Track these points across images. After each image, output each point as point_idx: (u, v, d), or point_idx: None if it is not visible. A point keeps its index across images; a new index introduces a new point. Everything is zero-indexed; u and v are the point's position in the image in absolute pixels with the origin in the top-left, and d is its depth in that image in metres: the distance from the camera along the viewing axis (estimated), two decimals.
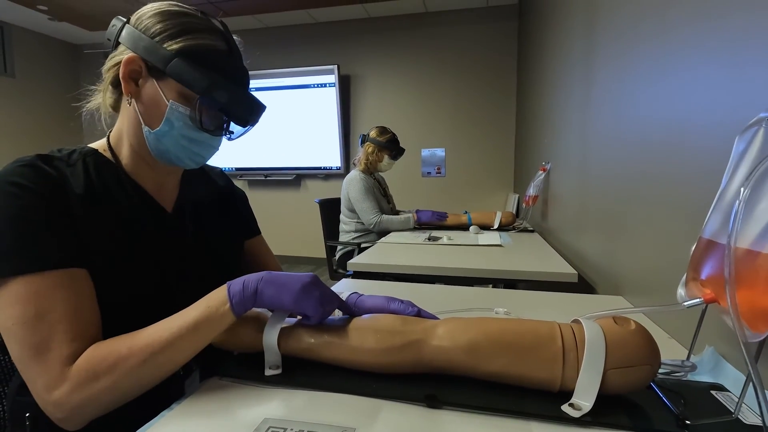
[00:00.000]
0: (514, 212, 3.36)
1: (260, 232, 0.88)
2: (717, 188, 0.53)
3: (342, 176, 4.31)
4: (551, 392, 0.50)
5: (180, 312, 0.53)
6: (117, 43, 0.61)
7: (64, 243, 0.52)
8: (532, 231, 2.11)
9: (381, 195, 2.31)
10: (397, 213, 2.33)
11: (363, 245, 2.17)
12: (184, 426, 0.46)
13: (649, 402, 0.50)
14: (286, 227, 4.53)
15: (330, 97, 4.16)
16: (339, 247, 2.30)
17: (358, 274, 1.42)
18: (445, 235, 1.90)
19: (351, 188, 2.18)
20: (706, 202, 0.55)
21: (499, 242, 1.74)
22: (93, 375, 0.48)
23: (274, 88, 4.31)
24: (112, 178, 0.61)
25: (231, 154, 4.47)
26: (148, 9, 0.61)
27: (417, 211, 2.19)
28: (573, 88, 1.64)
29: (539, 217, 2.22)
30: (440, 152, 4.18)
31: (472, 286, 1.45)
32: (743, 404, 0.46)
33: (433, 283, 1.37)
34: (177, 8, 0.61)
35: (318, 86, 4.19)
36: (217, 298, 0.53)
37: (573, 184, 1.59)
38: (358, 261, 1.41)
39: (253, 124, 0.67)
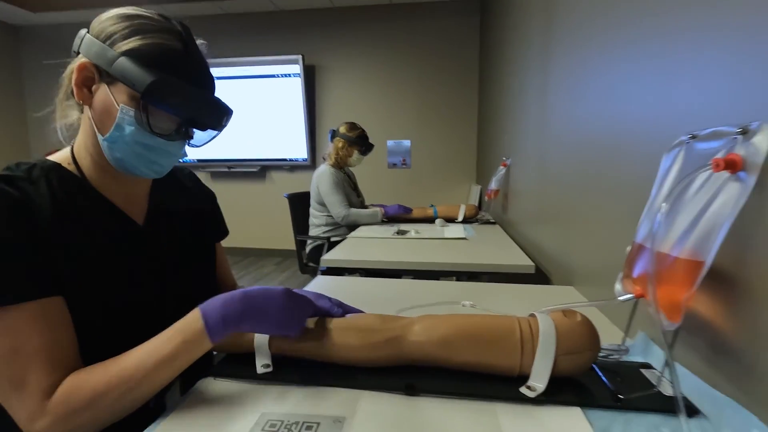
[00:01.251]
0: (477, 203, 3.51)
1: (228, 233, 0.87)
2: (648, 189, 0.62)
3: (308, 168, 4.30)
4: (512, 377, 0.58)
5: (155, 340, 0.52)
6: (78, 53, 0.58)
7: (35, 272, 0.51)
8: (493, 223, 2.23)
9: (351, 189, 2.36)
10: (366, 207, 2.39)
11: (333, 239, 2.21)
12: (188, 425, 0.51)
13: (591, 381, 0.59)
14: (252, 220, 4.49)
15: (295, 88, 4.12)
16: (309, 241, 2.33)
17: (331, 270, 1.47)
18: (412, 229, 1.98)
19: (321, 182, 2.21)
20: (645, 203, 0.64)
21: (463, 235, 1.84)
22: (72, 411, 0.48)
23: (237, 77, 4.21)
24: (79, 194, 0.59)
25: None
26: (105, 14, 0.59)
27: (384, 206, 2.26)
28: (530, 88, 1.75)
29: (500, 209, 2.34)
30: (406, 144, 4.25)
31: (439, 278, 1.54)
32: (663, 379, 0.56)
33: (402, 275, 1.45)
34: (132, 11, 0.59)
35: (282, 76, 4.13)
36: (193, 330, 0.52)
37: (531, 180, 1.71)
38: (330, 257, 1.46)
39: (218, 129, 0.65)
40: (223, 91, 4.47)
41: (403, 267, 1.46)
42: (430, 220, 2.24)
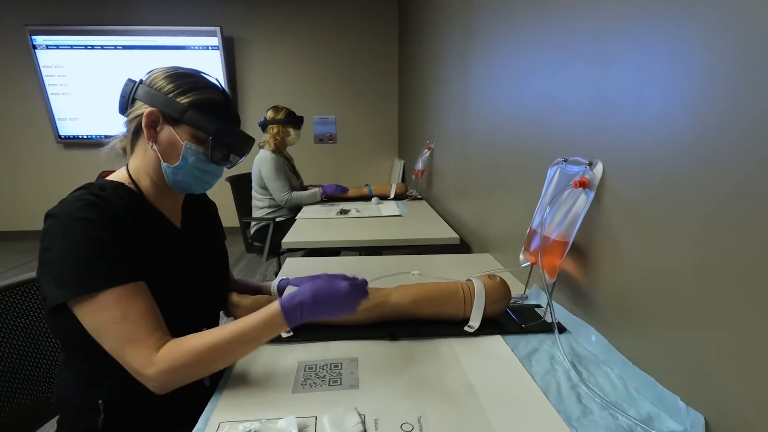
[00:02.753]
0: (400, 177, 3.84)
1: (226, 237, 1.06)
2: (539, 173, 0.95)
3: None
4: (458, 321, 0.88)
5: (243, 321, 0.68)
6: (133, 100, 0.75)
7: (129, 262, 0.68)
8: (420, 199, 2.57)
9: (291, 172, 2.50)
10: (305, 188, 2.56)
11: (277, 219, 2.37)
12: (248, 382, 0.72)
13: (506, 318, 0.92)
14: None
15: (214, 61, 3.98)
16: (253, 222, 2.46)
17: (274, 251, 1.66)
18: (353, 208, 2.23)
19: (263, 168, 2.33)
20: (534, 183, 0.97)
21: (398, 212, 2.13)
22: (175, 364, 0.64)
23: (149, 47, 3.92)
24: (139, 206, 0.76)
25: (94, 119, 4.01)
26: (159, 72, 0.76)
27: (322, 186, 2.47)
28: (451, 84, 2.04)
29: (425, 186, 2.68)
30: (331, 119, 4.39)
31: (381, 252, 1.83)
32: (547, 313, 0.90)
33: (341, 252, 1.69)
34: (182, 71, 0.78)
35: (200, 48, 3.95)
36: (273, 316, 0.68)
37: (454, 162, 2.03)
38: (290, 239, 1.66)
39: (246, 155, 0.86)
40: (134, 62, 4.12)
41: (353, 245, 1.70)
42: (366, 198, 2.51)
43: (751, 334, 0.50)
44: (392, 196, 2.53)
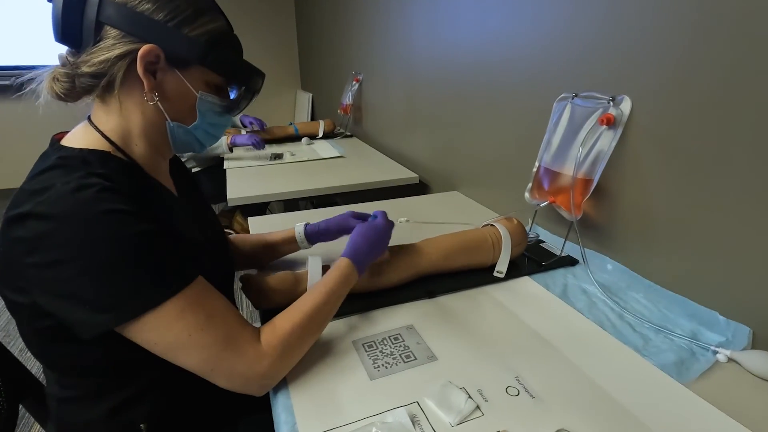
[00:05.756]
0: (310, 111, 3.59)
1: None
2: (530, 104, 0.97)
3: None
4: (485, 267, 0.86)
5: (321, 284, 0.63)
6: (99, 25, 0.50)
7: (181, 253, 0.52)
8: (350, 136, 2.42)
9: None
10: None
11: (194, 170, 2.04)
12: (312, 378, 0.60)
13: (521, 259, 0.93)
14: (13, 152, 3.43)
15: None
16: None
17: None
18: (285, 151, 2.01)
19: None
20: (521, 114, 0.97)
21: (336, 153, 1.98)
22: (286, 345, 0.56)
23: None
24: (135, 179, 0.57)
25: None
26: None
27: (232, 137, 2.09)
28: (389, 11, 1.86)
29: (353, 122, 2.52)
30: None
31: (336, 200, 1.70)
32: (560, 250, 0.94)
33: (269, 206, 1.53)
34: None
35: None
36: (347, 270, 0.66)
37: (394, 95, 1.91)
38: (234, 196, 1.43)
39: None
40: None
41: (304, 195, 1.54)
42: (293, 138, 2.28)
43: None
44: (321, 134, 2.34)
